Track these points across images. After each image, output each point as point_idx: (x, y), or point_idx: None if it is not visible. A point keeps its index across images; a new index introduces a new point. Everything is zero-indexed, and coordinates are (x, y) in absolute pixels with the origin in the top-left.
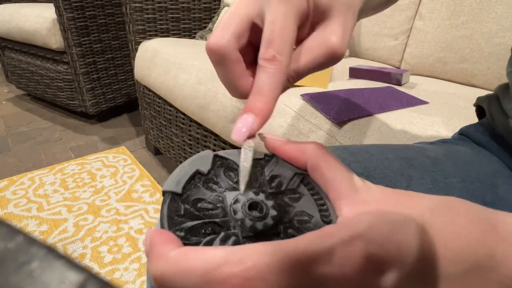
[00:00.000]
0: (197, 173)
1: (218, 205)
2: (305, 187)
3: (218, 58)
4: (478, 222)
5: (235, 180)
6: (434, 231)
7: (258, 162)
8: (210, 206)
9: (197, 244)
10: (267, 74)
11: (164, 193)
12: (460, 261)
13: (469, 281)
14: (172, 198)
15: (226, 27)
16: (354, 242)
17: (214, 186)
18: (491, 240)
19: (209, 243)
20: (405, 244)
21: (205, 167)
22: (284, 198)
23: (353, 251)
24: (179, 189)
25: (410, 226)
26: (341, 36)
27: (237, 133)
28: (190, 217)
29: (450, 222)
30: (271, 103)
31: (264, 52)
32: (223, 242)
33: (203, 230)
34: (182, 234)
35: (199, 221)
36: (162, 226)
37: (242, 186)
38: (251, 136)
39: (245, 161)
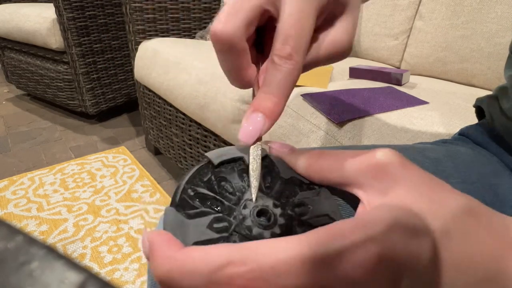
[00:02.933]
0: (240, 159)
1: (238, 193)
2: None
3: (223, 47)
4: (497, 235)
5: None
6: (452, 241)
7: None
8: (231, 190)
9: (194, 208)
10: (281, 73)
11: (204, 157)
12: (472, 272)
13: None
14: (206, 165)
15: (234, 13)
16: (367, 245)
17: (246, 178)
18: (507, 254)
19: (202, 215)
20: (420, 252)
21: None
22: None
23: (364, 255)
24: (216, 161)
25: (428, 236)
26: (351, 35)
27: (245, 134)
28: (208, 187)
29: (470, 233)
30: (282, 104)
31: (280, 48)
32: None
33: (209, 203)
34: (192, 193)
35: (212, 194)
36: (183, 179)
37: (253, 195)
38: (259, 139)
39: (254, 167)
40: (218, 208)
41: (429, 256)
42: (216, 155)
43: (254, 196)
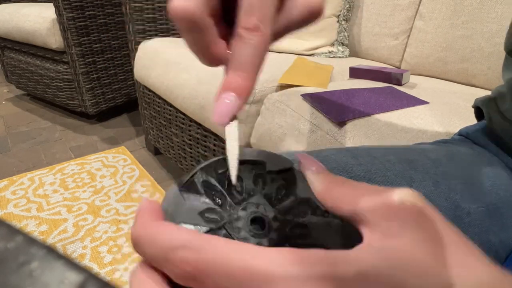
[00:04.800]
0: (261, 164)
1: (244, 195)
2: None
3: (185, 24)
4: None
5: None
6: None
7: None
8: (239, 189)
9: (197, 193)
10: (249, 46)
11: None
12: None
13: None
14: (226, 158)
15: None
16: (324, 282)
17: (260, 183)
18: None
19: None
20: None
21: (273, 167)
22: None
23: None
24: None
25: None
26: None
27: (219, 116)
28: (219, 179)
29: None
30: (253, 79)
31: (245, 21)
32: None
33: (213, 193)
34: (201, 180)
35: (219, 187)
36: (199, 165)
37: (233, 178)
38: (233, 118)
39: (231, 146)
40: (219, 201)
41: None
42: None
43: (233, 178)
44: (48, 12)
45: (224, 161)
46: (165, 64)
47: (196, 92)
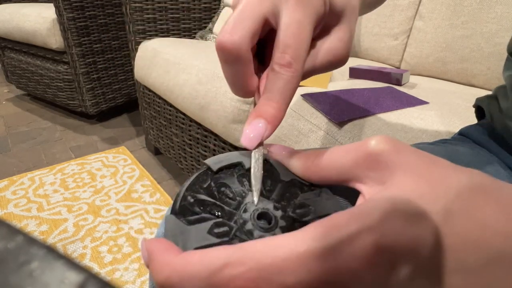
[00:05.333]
0: (239, 164)
1: (238, 198)
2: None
3: (229, 57)
4: (509, 210)
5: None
6: (456, 221)
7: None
8: (231, 195)
9: (194, 214)
10: (282, 81)
11: (203, 164)
12: (482, 253)
13: (492, 273)
14: (205, 171)
15: (239, 24)
16: (362, 235)
17: (246, 183)
18: None
19: (202, 221)
20: (420, 238)
21: (248, 163)
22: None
23: (361, 245)
24: (215, 168)
25: (428, 221)
26: (348, 44)
27: (247, 139)
28: (208, 193)
29: (477, 210)
30: (283, 110)
31: (280, 57)
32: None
33: (209, 209)
34: (191, 200)
35: (212, 200)
36: (183, 187)
37: (255, 198)
38: (261, 143)
39: (256, 170)
40: (219, 213)
41: (431, 242)
42: (214, 161)
43: (256, 199)
44: (48, 12)
45: (204, 174)
46: (165, 64)
47: (196, 92)
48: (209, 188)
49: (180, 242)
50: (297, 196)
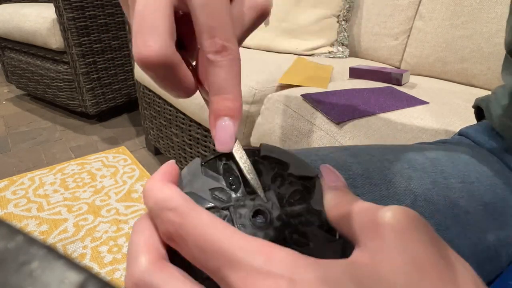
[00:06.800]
0: (286, 164)
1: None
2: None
3: (161, 70)
4: None
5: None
6: None
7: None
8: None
9: (216, 172)
10: (224, 69)
11: (261, 145)
12: None
13: None
14: (254, 151)
15: (153, 27)
16: (278, 280)
17: (285, 182)
18: None
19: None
20: None
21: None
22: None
23: (268, 283)
24: (264, 153)
25: None
26: None
27: (222, 143)
28: (239, 168)
29: None
30: (239, 98)
31: (210, 44)
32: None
33: (231, 178)
34: (223, 162)
35: (238, 173)
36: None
37: (261, 193)
38: (235, 140)
39: (247, 167)
40: (233, 186)
41: None
42: (268, 147)
43: (262, 194)
44: (48, 12)
45: (252, 153)
46: None
47: (196, 92)
48: (245, 163)
49: (186, 180)
50: (309, 226)
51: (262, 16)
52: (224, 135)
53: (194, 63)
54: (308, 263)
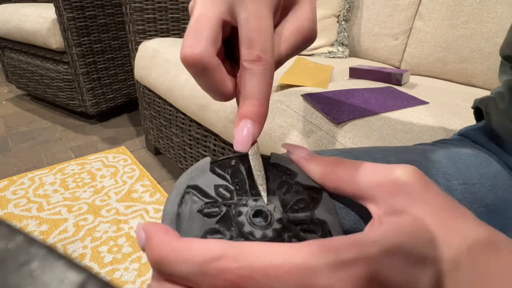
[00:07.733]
0: (294, 173)
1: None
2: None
3: (197, 70)
4: None
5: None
6: (461, 274)
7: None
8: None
9: (225, 171)
10: (256, 77)
11: (271, 154)
12: None
13: None
14: (264, 156)
15: (198, 33)
16: (358, 264)
17: (287, 187)
18: None
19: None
20: (418, 281)
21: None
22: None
23: (353, 273)
24: (272, 160)
25: (433, 266)
26: (312, 20)
27: (240, 143)
28: (248, 174)
29: (486, 268)
30: (266, 105)
31: (247, 53)
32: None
33: (237, 180)
34: (233, 164)
35: (245, 176)
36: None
37: (264, 197)
38: (253, 143)
39: (257, 169)
40: (238, 187)
41: (428, 286)
42: (277, 156)
43: (265, 198)
44: (48, 12)
45: (265, 159)
46: (165, 64)
47: (196, 92)
48: (251, 169)
49: (193, 175)
50: (310, 234)
51: (306, 41)
52: (243, 136)
53: None
54: (367, 239)
